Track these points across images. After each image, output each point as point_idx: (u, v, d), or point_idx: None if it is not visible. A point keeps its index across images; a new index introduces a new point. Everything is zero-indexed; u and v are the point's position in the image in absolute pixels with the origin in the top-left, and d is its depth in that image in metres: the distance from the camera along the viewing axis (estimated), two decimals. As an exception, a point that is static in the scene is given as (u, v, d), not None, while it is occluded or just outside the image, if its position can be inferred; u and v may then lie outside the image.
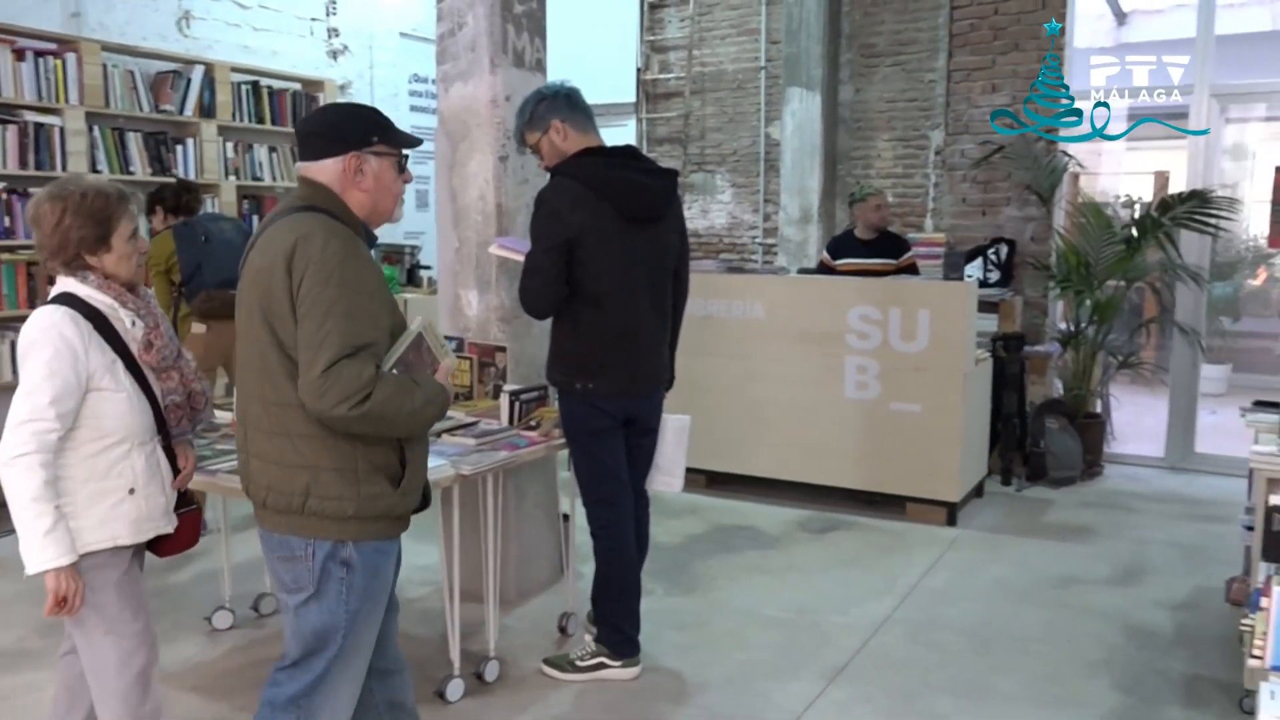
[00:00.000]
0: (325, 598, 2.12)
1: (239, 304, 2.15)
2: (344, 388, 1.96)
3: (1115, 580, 4.37)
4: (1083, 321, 6.07)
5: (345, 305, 2.00)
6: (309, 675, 2.15)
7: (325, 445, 2.07)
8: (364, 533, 2.12)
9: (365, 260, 2.10)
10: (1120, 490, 5.85)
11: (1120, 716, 3.18)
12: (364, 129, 2.18)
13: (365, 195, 2.17)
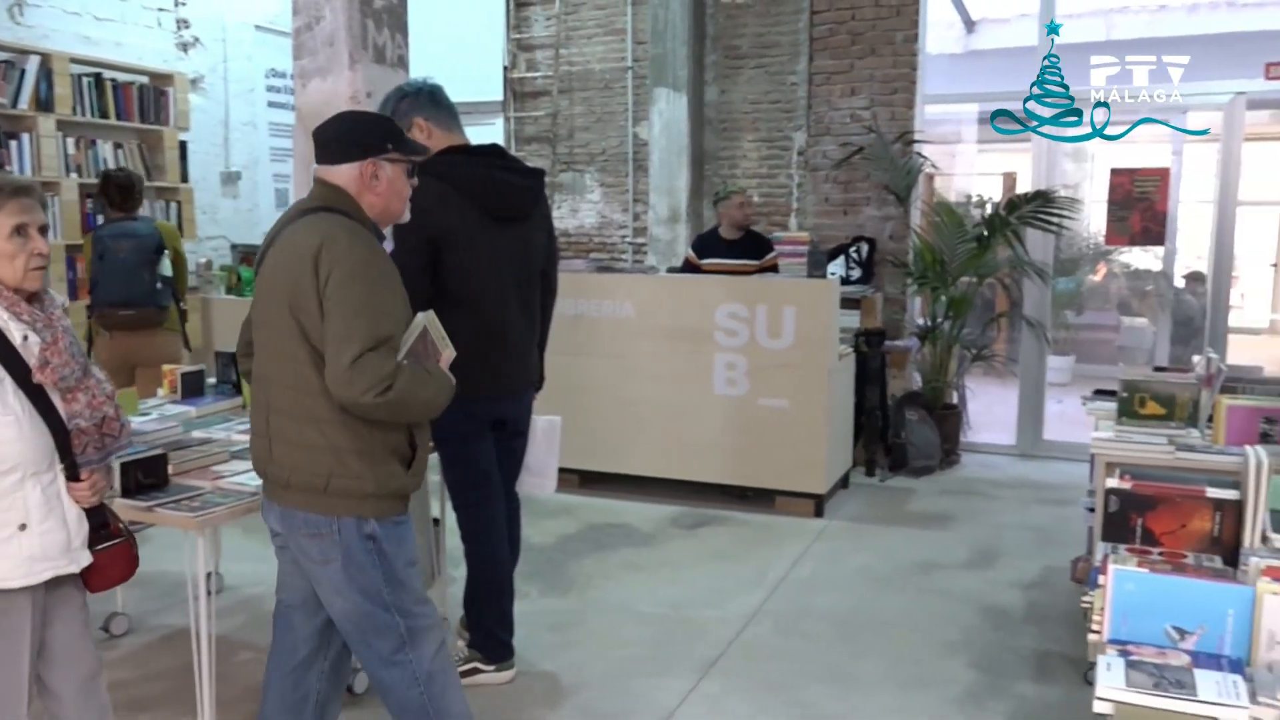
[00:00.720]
0: (363, 569, 2.32)
1: (261, 296, 2.32)
2: (370, 378, 2.14)
3: (972, 564, 4.57)
4: (939, 317, 6.33)
5: (369, 301, 2.19)
6: (392, 636, 2.37)
7: (348, 430, 2.25)
8: (381, 510, 2.32)
9: (384, 259, 2.29)
10: (976, 477, 6.12)
11: (976, 693, 3.32)
12: (381, 137, 2.35)
13: (378, 198, 2.34)
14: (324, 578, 2.34)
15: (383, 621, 2.37)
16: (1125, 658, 1.70)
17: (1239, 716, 1.53)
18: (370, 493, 2.29)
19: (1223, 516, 2.10)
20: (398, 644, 2.39)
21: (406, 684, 2.42)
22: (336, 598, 2.36)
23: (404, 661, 2.40)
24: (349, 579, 2.32)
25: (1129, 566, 1.86)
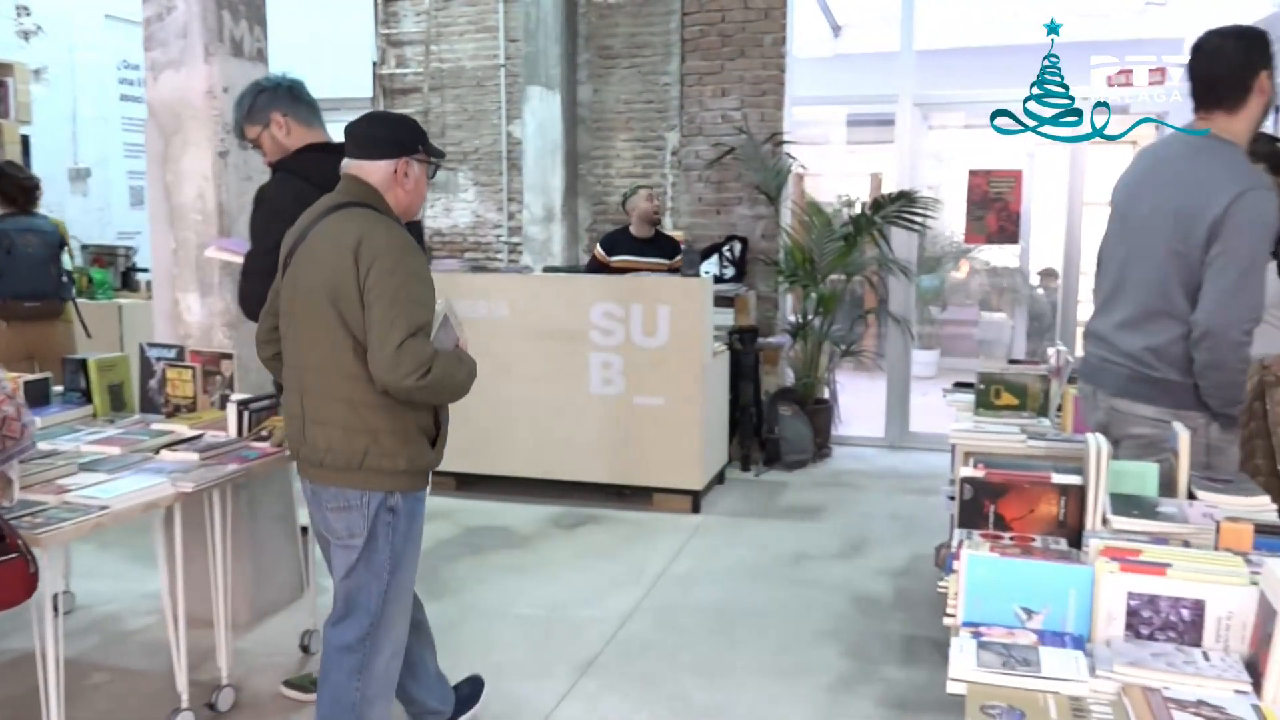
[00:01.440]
0: (378, 541, 2.47)
1: (296, 288, 2.44)
2: (412, 362, 2.29)
3: (842, 553, 4.70)
4: (809, 314, 6.48)
5: (408, 291, 2.34)
6: (368, 618, 2.50)
7: (384, 412, 2.41)
8: (409, 485, 2.50)
9: (418, 251, 2.44)
10: (847, 470, 6.30)
11: (846, 679, 3.42)
12: (413, 137, 2.52)
13: (405, 194, 2.51)
14: (341, 554, 2.52)
15: (368, 601, 2.51)
16: (977, 639, 1.77)
17: (1079, 689, 1.61)
18: (403, 469, 2.47)
19: (1067, 501, 2.20)
20: (368, 629, 2.51)
21: (349, 673, 2.52)
22: (346, 571, 2.52)
23: (363, 650, 2.52)
24: (367, 554, 2.49)
25: (981, 552, 1.94)
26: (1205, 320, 2.59)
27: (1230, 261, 2.55)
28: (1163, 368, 2.70)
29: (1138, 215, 2.78)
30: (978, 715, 1.54)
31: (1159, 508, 2.21)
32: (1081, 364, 3.03)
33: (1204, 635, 1.71)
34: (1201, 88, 2.64)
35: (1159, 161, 2.81)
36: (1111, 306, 2.86)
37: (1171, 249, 2.64)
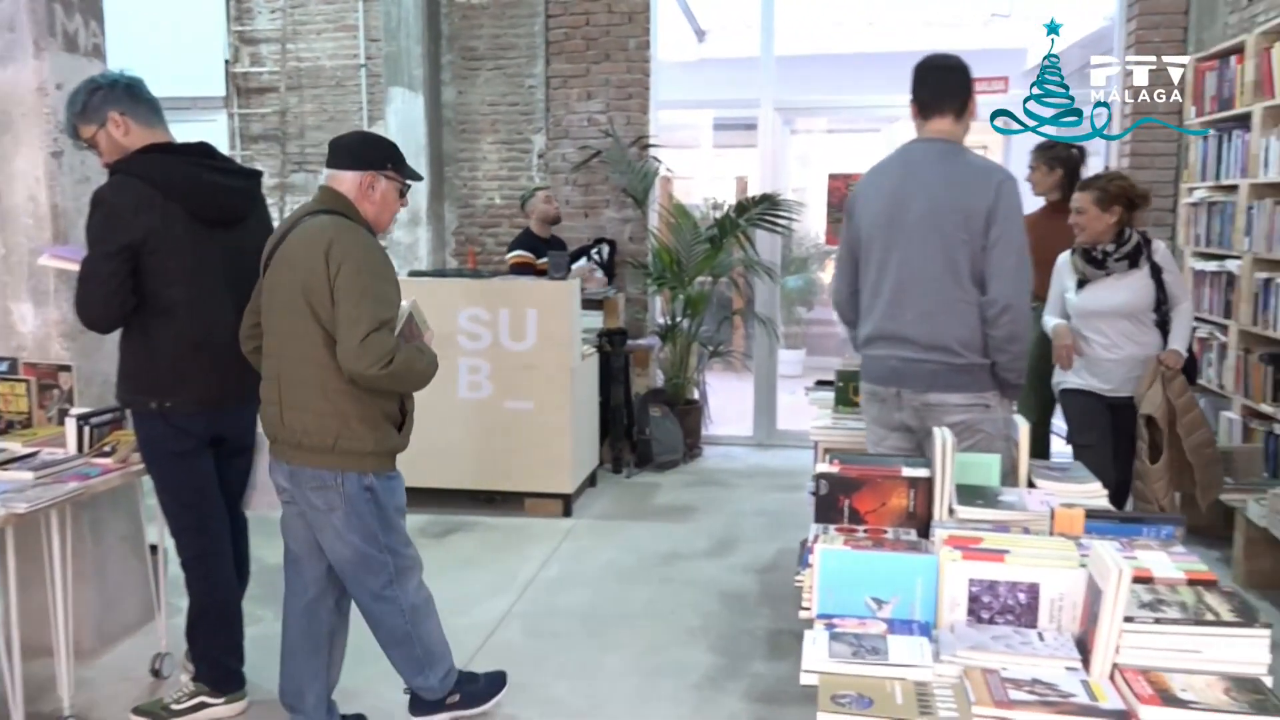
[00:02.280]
0: (364, 516, 2.75)
1: (273, 285, 2.70)
2: (376, 353, 2.56)
3: (712, 552, 4.76)
4: (678, 315, 6.55)
5: (373, 289, 2.62)
6: (383, 574, 2.83)
7: (352, 398, 2.68)
8: (378, 466, 2.76)
9: (383, 254, 2.74)
10: (717, 469, 6.38)
11: (714, 676, 3.46)
12: (384, 156, 2.80)
13: (373, 206, 2.78)
14: (327, 525, 2.75)
15: (376, 561, 2.82)
16: (830, 630, 1.82)
17: (924, 675, 1.67)
18: (370, 451, 2.73)
19: (916, 493, 2.28)
20: (387, 580, 2.85)
21: (395, 615, 2.90)
22: (337, 542, 2.77)
23: (393, 596, 2.87)
24: (349, 525, 2.74)
25: (835, 545, 1.99)
26: (1003, 297, 2.85)
27: (1009, 242, 2.84)
28: (969, 354, 2.91)
29: (912, 217, 2.92)
30: (829, 705, 1.59)
31: (1001, 497, 2.32)
32: (874, 368, 3.07)
33: (1039, 617, 1.80)
34: (938, 97, 2.97)
35: (912, 165, 2.99)
36: (899, 307, 2.96)
37: (958, 240, 2.86)
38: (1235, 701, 1.54)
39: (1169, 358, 3.97)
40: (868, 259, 3.05)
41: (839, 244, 3.21)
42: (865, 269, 3.07)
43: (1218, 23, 5.69)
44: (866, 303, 3.08)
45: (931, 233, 2.89)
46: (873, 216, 3.03)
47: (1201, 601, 1.71)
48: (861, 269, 3.09)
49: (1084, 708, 1.54)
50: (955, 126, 2.99)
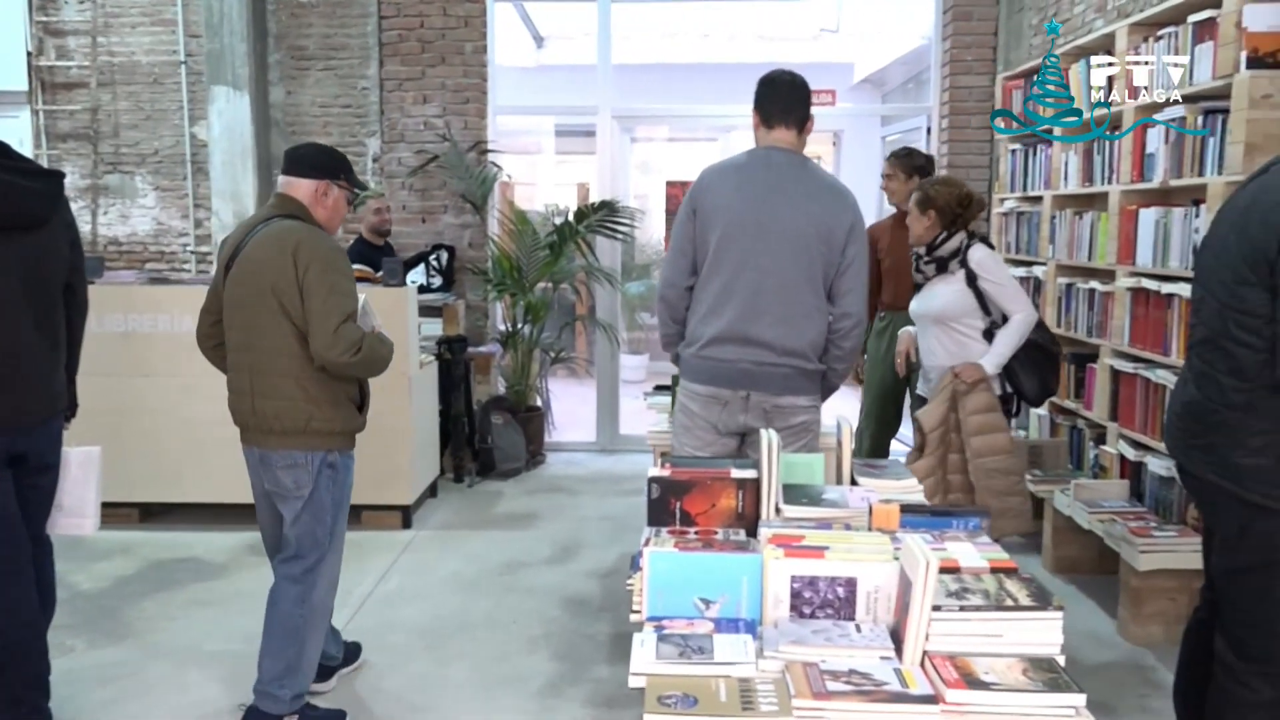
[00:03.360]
0: (320, 492, 3.02)
1: (242, 286, 2.94)
2: (347, 341, 2.85)
3: (554, 559, 4.75)
4: (519, 322, 6.51)
5: (340, 286, 2.90)
6: (314, 552, 3.06)
7: (322, 384, 2.96)
8: (343, 444, 3.08)
9: (343, 254, 3.01)
10: (561, 475, 6.38)
11: (556, 683, 3.45)
12: (335, 167, 3.06)
13: (325, 212, 3.06)
14: (291, 503, 3.01)
15: (314, 542, 3.05)
16: (659, 632, 1.84)
17: (747, 671, 1.71)
18: (338, 430, 3.03)
19: (744, 494, 2.34)
20: (314, 563, 3.07)
21: (298, 604, 3.05)
22: (294, 519, 3.03)
23: (309, 584, 3.06)
24: (309, 504, 3.01)
25: (665, 548, 2.01)
26: (856, 310, 3.04)
27: (862, 260, 3.04)
28: (815, 360, 3.05)
29: (778, 225, 2.98)
30: (655, 706, 1.60)
31: (825, 495, 2.40)
32: (720, 370, 3.05)
33: (857, 609, 1.87)
34: (786, 110, 3.08)
35: (775, 173, 3.04)
36: (757, 311, 3.00)
37: (817, 253, 2.99)
38: (1032, 681, 1.64)
39: (964, 370, 3.73)
40: (720, 259, 3.02)
41: (676, 238, 3.14)
42: (715, 269, 3.03)
43: (1024, 44, 6.08)
44: (712, 302, 3.04)
45: (797, 242, 2.98)
46: (730, 217, 3.01)
47: (1003, 588, 1.81)
48: (709, 268, 3.05)
49: (896, 694, 1.61)
50: (798, 140, 3.09)
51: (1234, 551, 2.35)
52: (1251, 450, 2.23)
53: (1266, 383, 2.18)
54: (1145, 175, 4.19)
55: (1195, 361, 2.40)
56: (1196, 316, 2.42)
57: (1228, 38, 3.58)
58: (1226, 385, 2.27)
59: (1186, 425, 2.41)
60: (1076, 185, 4.89)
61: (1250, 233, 2.20)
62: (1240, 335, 2.22)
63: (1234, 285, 2.23)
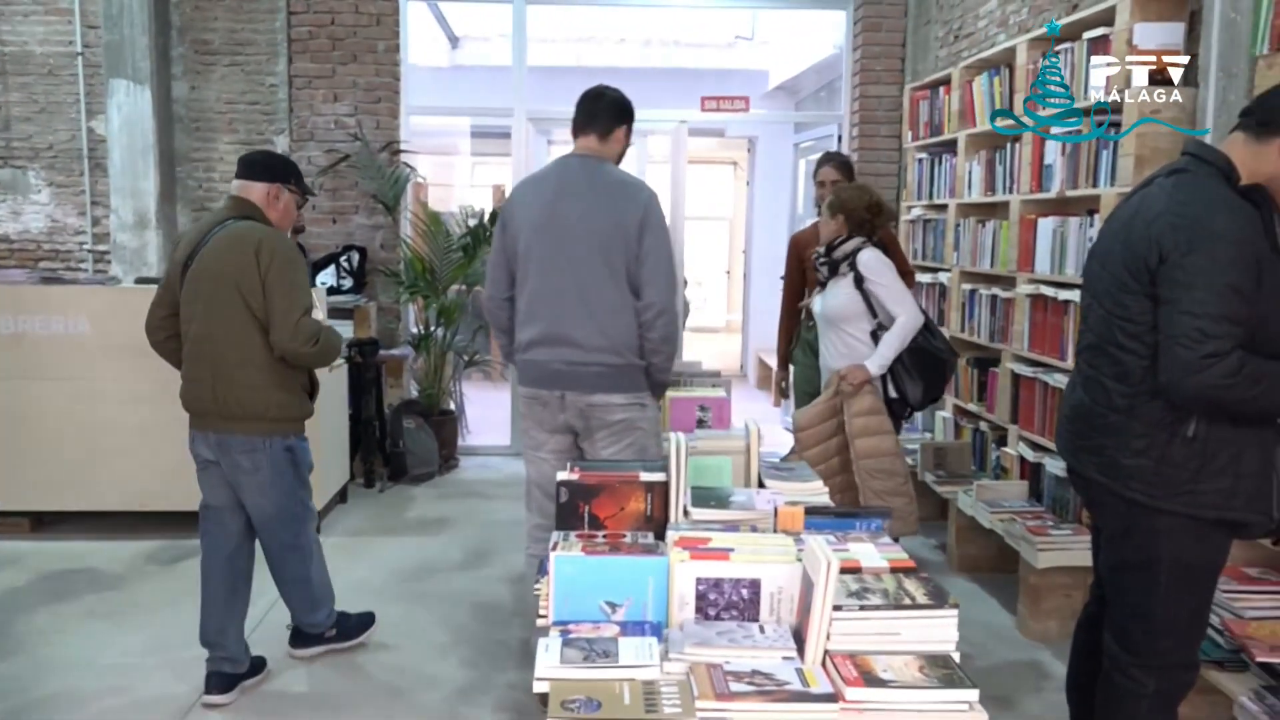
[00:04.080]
0: (284, 473, 3.30)
1: (205, 281, 3.15)
2: (307, 333, 3.12)
3: (466, 564, 4.70)
4: (432, 325, 6.43)
5: (299, 282, 3.16)
6: (298, 520, 3.41)
7: (280, 373, 3.21)
8: (296, 429, 3.34)
9: (298, 252, 3.28)
10: (474, 480, 6.32)
11: (465, 689, 3.42)
12: (285, 172, 3.34)
13: (276, 214, 3.30)
14: (252, 484, 3.26)
15: (291, 514, 3.38)
16: (564, 636, 1.84)
17: (651, 674, 1.71)
18: (294, 416, 3.31)
19: (653, 497, 2.35)
20: (299, 530, 3.43)
21: (301, 561, 3.47)
22: (261, 499, 3.29)
23: (303, 545, 3.46)
24: (272, 483, 3.27)
25: (572, 552, 2.00)
26: (659, 300, 3.09)
27: (661, 250, 3.10)
28: (628, 356, 3.10)
29: (570, 225, 3.09)
30: (558, 711, 1.60)
31: (733, 498, 2.41)
32: (537, 372, 3.17)
33: (761, 610, 1.89)
34: (587, 120, 3.24)
35: (567, 176, 3.18)
36: (563, 311, 3.10)
37: (615, 249, 3.06)
38: (928, 677, 1.68)
39: (849, 373, 3.80)
40: (528, 266, 3.16)
41: (493, 251, 3.31)
42: (525, 275, 3.17)
43: (930, 55, 6.23)
44: (526, 308, 3.18)
45: (591, 240, 3.07)
46: (531, 224, 3.15)
47: (901, 587, 1.85)
48: (521, 276, 3.19)
49: (797, 694, 1.63)
50: (601, 146, 3.23)
51: (1119, 549, 2.45)
52: (1134, 451, 2.32)
53: (1149, 387, 2.27)
54: (1043, 185, 4.34)
55: (1083, 366, 2.49)
56: (1085, 323, 2.51)
57: (1120, 54, 3.72)
58: (1112, 389, 2.36)
59: (1076, 428, 2.50)
60: (979, 194, 5.03)
61: (1133, 242, 2.29)
62: (1125, 341, 2.31)
63: (1118, 293, 2.32)
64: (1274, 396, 2.18)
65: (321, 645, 3.64)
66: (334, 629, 3.64)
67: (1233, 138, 2.30)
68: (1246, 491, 2.27)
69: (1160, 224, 2.24)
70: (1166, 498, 2.30)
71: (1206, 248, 2.16)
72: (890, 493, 3.80)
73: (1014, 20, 5.11)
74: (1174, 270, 2.19)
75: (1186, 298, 2.16)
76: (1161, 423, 2.28)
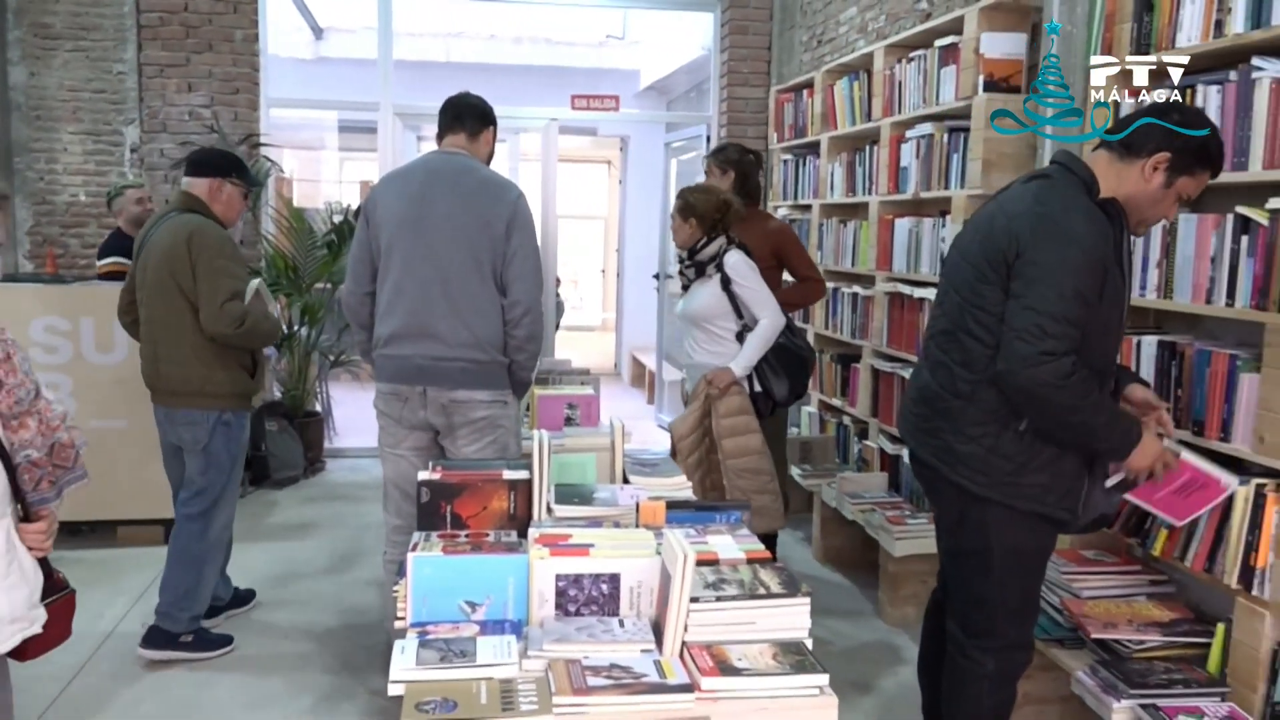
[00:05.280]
0: (216, 445, 3.56)
1: (148, 269, 3.51)
2: (230, 316, 3.41)
3: (332, 568, 4.59)
4: (296, 324, 6.24)
5: (226, 269, 3.44)
6: (211, 495, 3.61)
7: (215, 353, 3.49)
8: (234, 405, 3.59)
9: (232, 243, 3.56)
10: (341, 482, 6.16)
11: (330, 696, 3.34)
12: (229, 167, 3.64)
13: (221, 206, 3.60)
14: (193, 456, 3.57)
15: (209, 486, 3.59)
16: (421, 638, 1.81)
17: (509, 672, 1.70)
18: (229, 392, 3.55)
19: (516, 495, 2.34)
20: (209, 505, 3.60)
21: (198, 538, 3.60)
22: (193, 466, 3.58)
23: (206, 520, 3.61)
24: (206, 455, 3.55)
25: (432, 552, 1.98)
26: (526, 298, 3.09)
27: (528, 249, 3.11)
28: (492, 353, 3.10)
29: (437, 220, 3.08)
30: (413, 713, 1.57)
31: (597, 494, 2.42)
32: (397, 367, 3.14)
33: (621, 605, 1.90)
34: (453, 121, 3.24)
35: (434, 173, 3.16)
36: (427, 306, 3.07)
37: (482, 246, 3.05)
38: (781, 664, 1.72)
39: (715, 376, 3.84)
40: (390, 260, 3.12)
41: (354, 246, 3.27)
42: (387, 269, 3.13)
43: (795, 59, 6.39)
44: (387, 302, 3.14)
45: (458, 237, 3.05)
46: (395, 219, 3.11)
47: (757, 578, 1.89)
48: (382, 270, 3.15)
49: (654, 685, 1.65)
50: (470, 144, 3.24)
51: (954, 536, 2.56)
52: (968, 438, 2.42)
53: (990, 376, 2.38)
54: (900, 187, 4.50)
55: (934, 351, 2.56)
56: (940, 308, 2.58)
57: (968, 62, 3.90)
58: (957, 375, 2.45)
59: (919, 411, 2.58)
60: (841, 195, 5.19)
61: (994, 235, 2.39)
62: (975, 329, 2.41)
63: (975, 283, 2.42)
64: (1096, 418, 2.30)
65: (173, 650, 3.58)
66: (191, 636, 3.61)
67: (1097, 154, 2.41)
68: (1060, 490, 2.40)
69: (1021, 221, 2.33)
70: (990, 486, 2.40)
71: (1059, 249, 2.26)
72: (757, 490, 3.84)
73: (873, 27, 5.28)
74: (1027, 266, 2.29)
75: (1032, 293, 2.26)
76: (997, 414, 2.38)
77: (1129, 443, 2.37)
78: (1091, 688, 2.64)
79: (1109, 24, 3.07)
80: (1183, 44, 2.77)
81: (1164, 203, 2.37)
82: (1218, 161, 2.34)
